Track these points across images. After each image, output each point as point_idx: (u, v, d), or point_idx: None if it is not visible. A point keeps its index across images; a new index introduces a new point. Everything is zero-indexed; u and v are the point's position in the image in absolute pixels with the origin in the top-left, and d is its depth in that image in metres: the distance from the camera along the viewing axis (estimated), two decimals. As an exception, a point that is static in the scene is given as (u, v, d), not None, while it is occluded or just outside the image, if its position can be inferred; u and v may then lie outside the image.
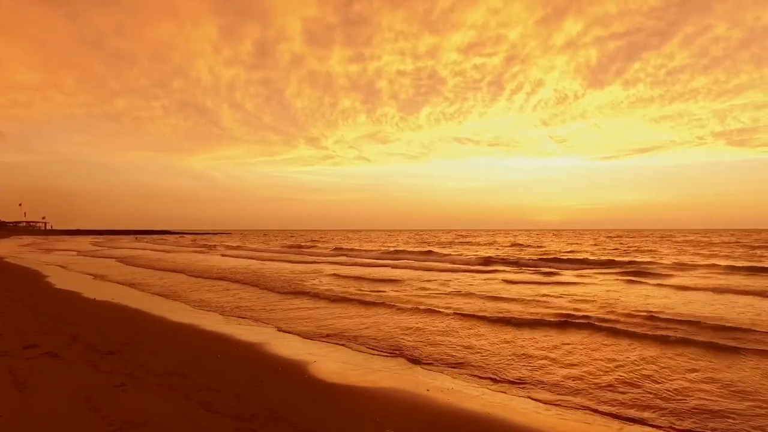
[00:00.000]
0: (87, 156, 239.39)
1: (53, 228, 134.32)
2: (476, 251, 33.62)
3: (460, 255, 29.48)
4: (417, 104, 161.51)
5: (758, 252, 30.03)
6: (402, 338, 7.38)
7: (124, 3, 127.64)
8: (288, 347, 6.83)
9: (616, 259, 24.69)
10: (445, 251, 33.86)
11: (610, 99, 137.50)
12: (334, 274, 17.80)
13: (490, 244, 46.44)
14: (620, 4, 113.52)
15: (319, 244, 48.42)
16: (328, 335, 7.62)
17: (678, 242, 45.72)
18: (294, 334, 7.76)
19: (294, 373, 5.55)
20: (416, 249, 36.51)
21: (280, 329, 8.11)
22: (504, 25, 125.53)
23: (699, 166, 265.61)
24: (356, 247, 40.84)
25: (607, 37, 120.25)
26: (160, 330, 7.85)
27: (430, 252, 32.64)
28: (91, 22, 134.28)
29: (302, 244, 50.40)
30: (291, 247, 43.71)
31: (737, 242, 43.74)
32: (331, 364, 6.01)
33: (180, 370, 5.28)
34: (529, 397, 4.86)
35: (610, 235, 78.70)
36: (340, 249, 38.49)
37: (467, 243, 49.91)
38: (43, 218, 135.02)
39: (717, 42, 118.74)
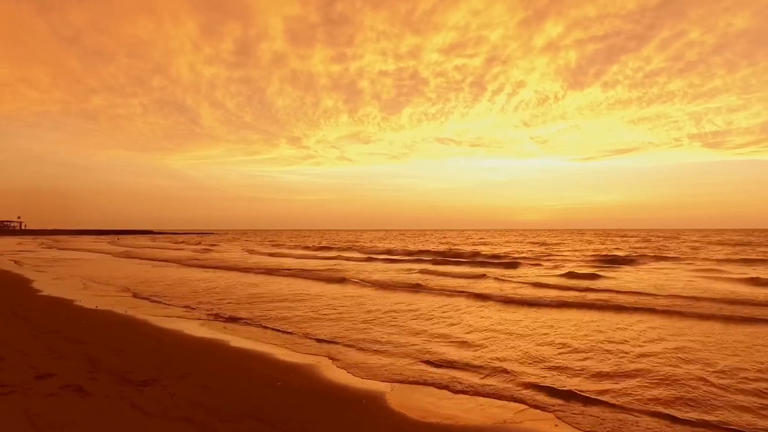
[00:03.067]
0: (62, 154, 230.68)
1: (28, 228, 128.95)
2: (507, 251, 33.81)
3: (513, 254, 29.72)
4: (399, 104, 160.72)
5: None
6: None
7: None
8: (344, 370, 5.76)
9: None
10: (491, 251, 33.95)
11: (590, 100, 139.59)
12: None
13: (516, 242, 46.09)
14: (599, 7, 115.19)
15: (364, 245, 46.40)
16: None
17: (698, 242, 45.94)
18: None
19: (381, 408, 4.50)
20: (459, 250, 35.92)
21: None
22: (485, 27, 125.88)
23: (675, 167, 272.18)
24: (403, 248, 39.40)
25: (586, 40, 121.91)
26: (189, 347, 6.67)
27: (478, 253, 31.77)
28: (66, 17, 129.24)
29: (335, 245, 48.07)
30: (320, 248, 41.05)
31: (748, 242, 44.24)
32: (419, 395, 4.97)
33: (251, 411, 4.16)
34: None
35: (619, 235, 79.28)
36: (430, 252, 34.11)
37: (487, 243, 49.19)
38: (18, 218, 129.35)
39: (692, 46, 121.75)
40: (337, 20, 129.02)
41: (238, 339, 7.40)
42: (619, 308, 10.08)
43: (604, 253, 28.84)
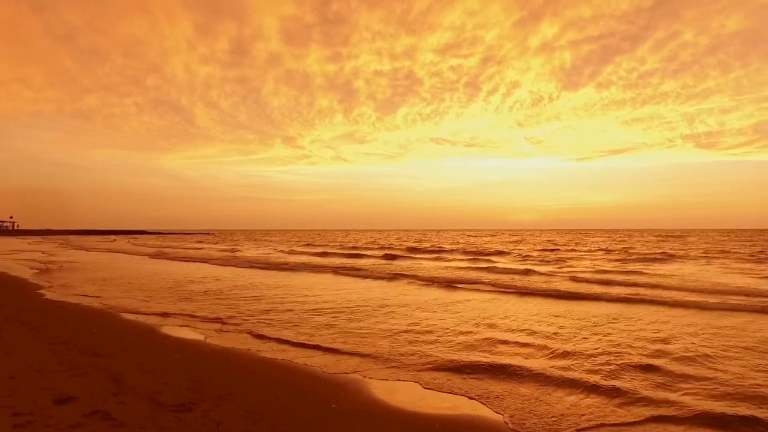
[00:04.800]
0: (56, 154, 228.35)
1: (21, 228, 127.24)
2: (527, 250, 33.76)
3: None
4: (394, 104, 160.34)
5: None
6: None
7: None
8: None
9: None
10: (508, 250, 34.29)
11: (584, 101, 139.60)
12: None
13: (531, 242, 45.68)
14: (594, 8, 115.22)
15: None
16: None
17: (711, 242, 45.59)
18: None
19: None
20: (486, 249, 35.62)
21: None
22: (480, 27, 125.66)
23: (669, 167, 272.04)
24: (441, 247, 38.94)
25: (581, 41, 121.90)
26: (221, 361, 5.99)
27: (503, 252, 31.74)
28: (60, 16, 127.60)
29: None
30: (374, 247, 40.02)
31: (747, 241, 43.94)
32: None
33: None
34: None
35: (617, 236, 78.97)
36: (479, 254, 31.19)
37: (505, 242, 48.68)
38: (11, 217, 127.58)
39: (685, 47, 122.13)
40: (332, 20, 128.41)
41: (274, 349, 6.73)
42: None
43: (631, 252, 29.20)
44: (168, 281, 15.47)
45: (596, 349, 6.59)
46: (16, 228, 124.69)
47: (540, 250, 34.46)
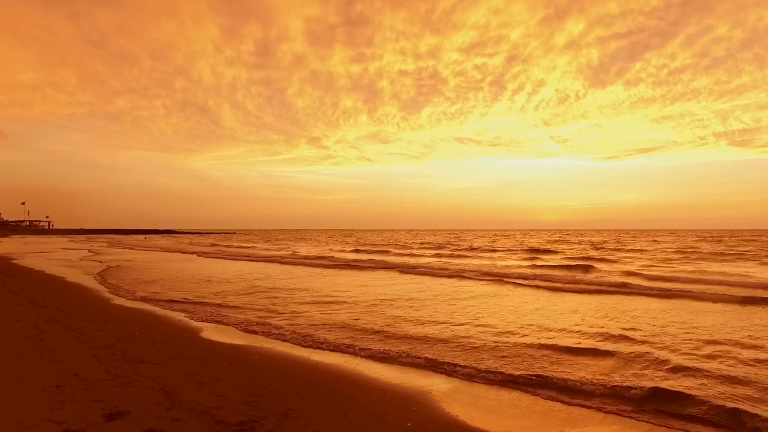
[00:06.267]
0: (88, 155, 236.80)
1: (56, 227, 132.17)
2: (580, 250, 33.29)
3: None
4: (418, 104, 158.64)
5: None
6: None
7: (125, 2, 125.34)
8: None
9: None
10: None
11: (612, 99, 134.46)
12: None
13: (558, 241, 44.54)
14: (622, 3, 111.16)
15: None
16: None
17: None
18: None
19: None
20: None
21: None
22: (505, 25, 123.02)
23: (701, 166, 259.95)
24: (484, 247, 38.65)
25: (608, 37, 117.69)
26: (275, 371, 5.54)
27: (551, 251, 32.20)
28: (92, 22, 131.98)
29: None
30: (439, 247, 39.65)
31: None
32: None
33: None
34: None
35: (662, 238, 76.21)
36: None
37: (548, 241, 47.62)
38: (47, 217, 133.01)
39: (719, 42, 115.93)
40: (356, 20, 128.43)
41: (332, 356, 6.27)
42: None
43: (684, 251, 28.74)
44: (234, 279, 15.30)
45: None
46: (51, 227, 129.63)
47: (594, 248, 34.35)
